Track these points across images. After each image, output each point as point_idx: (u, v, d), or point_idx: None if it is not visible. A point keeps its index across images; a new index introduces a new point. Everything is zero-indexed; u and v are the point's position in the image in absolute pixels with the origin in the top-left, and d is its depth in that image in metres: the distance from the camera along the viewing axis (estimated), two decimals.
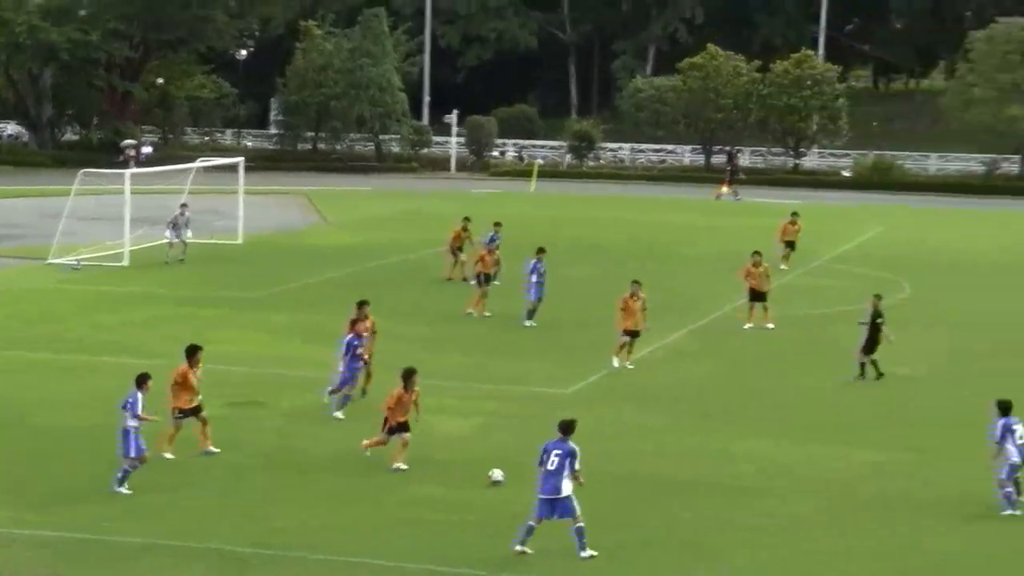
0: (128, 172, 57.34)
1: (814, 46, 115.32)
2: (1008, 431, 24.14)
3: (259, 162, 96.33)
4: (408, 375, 26.09)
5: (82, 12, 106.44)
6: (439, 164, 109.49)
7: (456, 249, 49.94)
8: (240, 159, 66.41)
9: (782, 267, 52.68)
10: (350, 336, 30.59)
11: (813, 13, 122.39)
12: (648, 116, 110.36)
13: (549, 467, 21.56)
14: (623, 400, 32.09)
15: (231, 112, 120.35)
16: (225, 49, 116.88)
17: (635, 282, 36.36)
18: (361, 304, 32.26)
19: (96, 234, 55.91)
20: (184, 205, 54.95)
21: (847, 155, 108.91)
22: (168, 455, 26.29)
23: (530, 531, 21.55)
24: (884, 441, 28.97)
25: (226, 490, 24.63)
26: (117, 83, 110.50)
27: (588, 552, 21.32)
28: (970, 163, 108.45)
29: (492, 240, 47.57)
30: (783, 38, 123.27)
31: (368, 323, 31.72)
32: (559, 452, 21.63)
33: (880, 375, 34.83)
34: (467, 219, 51.05)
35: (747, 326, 41.26)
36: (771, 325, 41.37)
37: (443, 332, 40.09)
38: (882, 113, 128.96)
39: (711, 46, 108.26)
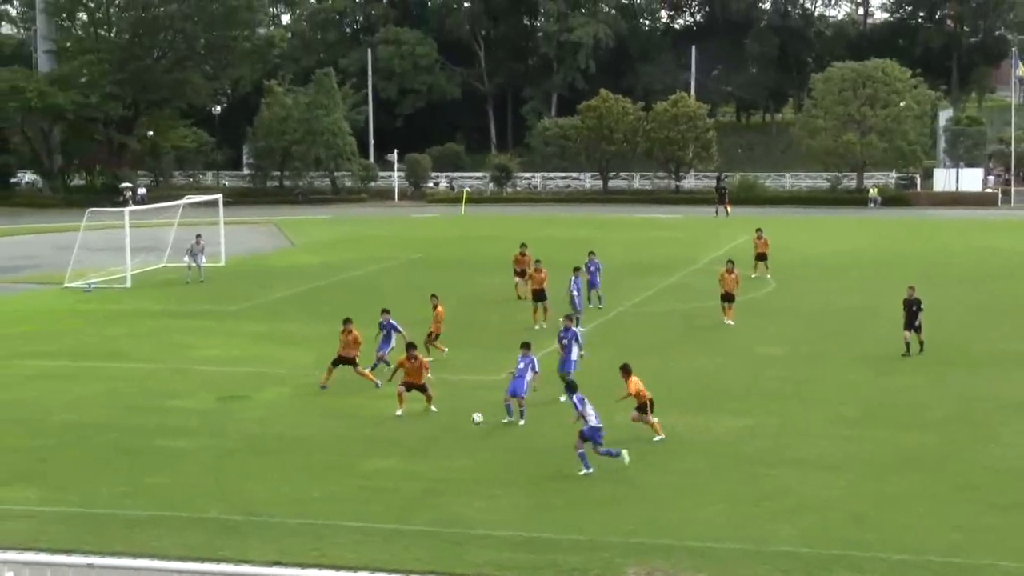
0: (127, 210, 56.92)
1: (687, 89, 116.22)
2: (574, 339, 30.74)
3: (235, 197, 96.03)
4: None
5: (83, 79, 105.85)
6: (384, 194, 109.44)
7: (520, 272, 46.29)
8: (219, 196, 66.01)
9: (752, 275, 51.11)
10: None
11: (684, 63, 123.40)
12: (554, 150, 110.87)
13: None
14: (542, 382, 32.05)
15: (210, 157, 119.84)
16: (203, 105, 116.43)
17: (730, 261, 41.72)
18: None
19: (103, 262, 55.53)
20: (199, 235, 54.61)
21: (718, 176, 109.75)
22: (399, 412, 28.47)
23: None
24: (751, 409, 29.18)
25: (218, 470, 24.48)
26: (114, 136, 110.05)
27: None
28: (817, 180, 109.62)
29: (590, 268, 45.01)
30: (661, 83, 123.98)
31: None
32: None
33: (922, 349, 35.22)
34: (524, 245, 47.98)
35: (727, 322, 40.86)
36: (731, 322, 40.82)
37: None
38: (745, 142, 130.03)
39: (603, 91, 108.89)
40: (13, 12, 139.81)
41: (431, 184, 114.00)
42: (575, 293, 40.44)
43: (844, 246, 66.79)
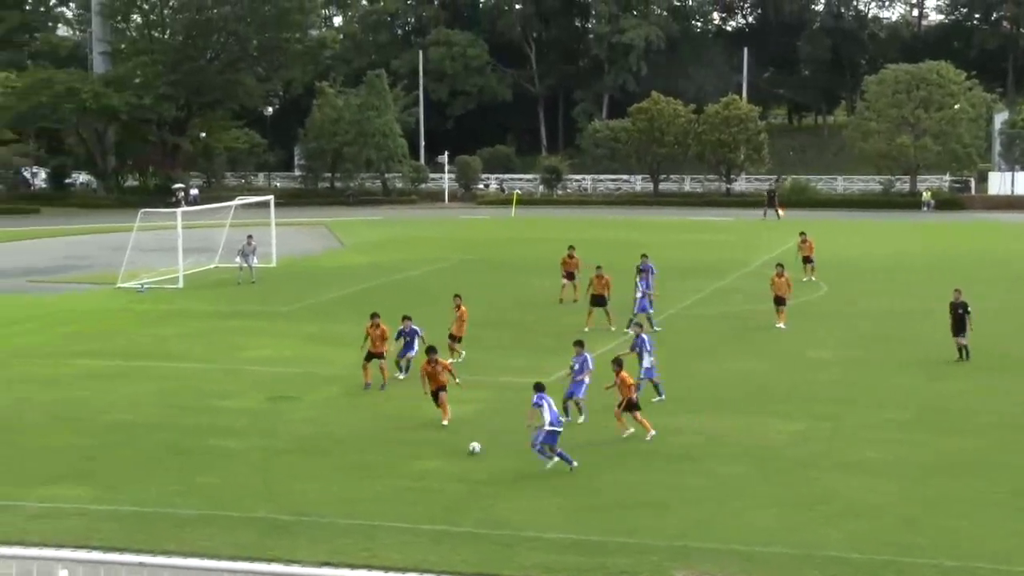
0: (179, 211, 57.35)
1: (739, 91, 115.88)
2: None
3: (286, 199, 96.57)
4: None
5: (136, 80, 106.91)
6: (435, 196, 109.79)
7: (568, 275, 46.21)
8: (271, 197, 66.43)
9: (803, 279, 50.40)
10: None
11: (736, 65, 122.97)
12: (605, 152, 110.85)
13: None
14: (592, 385, 32.01)
15: (262, 158, 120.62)
16: (255, 107, 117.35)
17: (779, 264, 41.65)
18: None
19: (155, 262, 55.99)
20: (250, 236, 54.84)
21: (770, 179, 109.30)
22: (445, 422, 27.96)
23: None
24: (801, 413, 29.04)
25: (268, 470, 24.62)
26: (167, 138, 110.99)
27: None
28: (870, 183, 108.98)
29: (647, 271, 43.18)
30: (713, 85, 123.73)
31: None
32: None
33: (967, 356, 34.62)
34: (572, 247, 47.44)
35: (778, 326, 40.38)
36: (782, 326, 40.29)
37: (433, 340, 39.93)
38: (796, 144, 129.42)
39: (655, 93, 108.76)
40: (69, 14, 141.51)
41: (481, 186, 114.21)
42: (638, 295, 40.44)
43: (896, 249, 66.33)
